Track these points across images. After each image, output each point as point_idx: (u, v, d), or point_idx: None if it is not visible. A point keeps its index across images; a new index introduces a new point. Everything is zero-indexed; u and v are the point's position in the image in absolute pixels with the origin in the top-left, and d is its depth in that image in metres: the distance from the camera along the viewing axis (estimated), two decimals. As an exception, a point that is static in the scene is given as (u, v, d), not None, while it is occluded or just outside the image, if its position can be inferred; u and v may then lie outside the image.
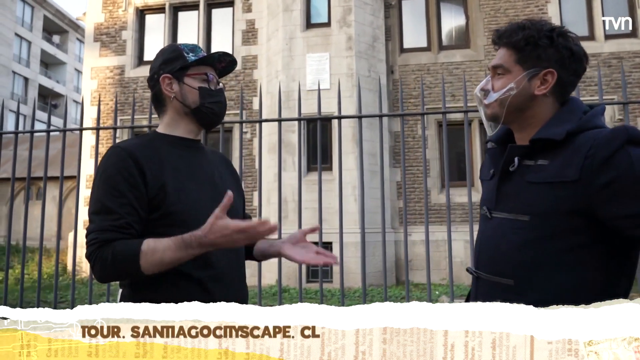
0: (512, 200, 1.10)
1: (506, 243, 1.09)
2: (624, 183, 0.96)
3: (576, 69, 1.13)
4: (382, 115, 3.17)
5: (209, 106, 1.37)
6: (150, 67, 1.42)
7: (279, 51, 9.36)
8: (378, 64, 9.54)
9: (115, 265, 1.16)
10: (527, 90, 1.11)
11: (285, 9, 9.39)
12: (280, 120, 3.27)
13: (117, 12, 11.12)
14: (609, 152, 0.98)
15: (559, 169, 1.03)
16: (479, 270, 1.16)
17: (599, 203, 0.99)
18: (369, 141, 8.60)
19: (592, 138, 1.01)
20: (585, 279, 1.03)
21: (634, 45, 9.47)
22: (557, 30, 1.12)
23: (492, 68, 1.17)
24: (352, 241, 8.23)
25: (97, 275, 1.19)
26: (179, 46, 1.39)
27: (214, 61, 1.40)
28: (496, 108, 1.14)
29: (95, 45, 11.08)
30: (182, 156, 1.34)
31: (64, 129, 3.48)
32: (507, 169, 1.12)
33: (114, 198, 1.21)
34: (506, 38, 1.14)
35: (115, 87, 10.82)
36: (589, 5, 9.83)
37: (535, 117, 1.12)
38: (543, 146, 1.08)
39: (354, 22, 9.20)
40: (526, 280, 1.05)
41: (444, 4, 10.38)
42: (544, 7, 9.82)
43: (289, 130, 8.76)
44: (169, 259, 1.16)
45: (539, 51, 1.10)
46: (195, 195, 1.29)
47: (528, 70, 1.10)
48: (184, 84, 1.35)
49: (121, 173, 1.22)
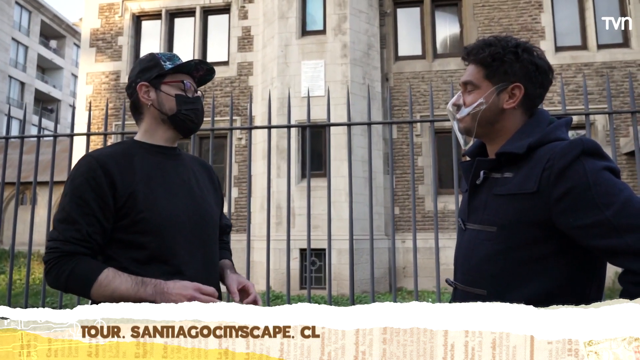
0: (481, 212, 1.14)
1: (477, 254, 1.13)
2: (578, 194, 0.99)
3: (542, 81, 1.17)
4: (370, 123, 3.18)
5: (185, 113, 1.38)
6: (129, 76, 1.45)
7: (275, 58, 9.40)
8: (373, 71, 9.60)
9: (67, 282, 1.20)
10: (496, 105, 1.16)
11: (281, 17, 9.44)
12: (269, 128, 3.29)
13: (114, 18, 11.13)
14: (564, 164, 1.01)
15: (521, 182, 1.07)
16: (456, 281, 1.20)
17: (557, 214, 1.02)
18: (362, 148, 8.64)
19: (550, 150, 1.05)
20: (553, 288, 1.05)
21: (626, 55, 9.60)
22: (522, 46, 1.16)
23: (463, 84, 1.22)
24: (344, 248, 8.23)
25: (49, 282, 1.23)
26: (156, 55, 1.42)
27: (191, 69, 1.43)
28: (468, 122, 1.19)
29: (91, 50, 11.07)
30: (158, 164, 1.36)
31: (55, 134, 3.46)
32: (475, 182, 1.17)
33: (78, 207, 1.23)
34: (474, 55, 1.19)
35: (111, 92, 10.81)
36: (582, 15, 9.97)
37: (505, 129, 1.17)
38: (508, 159, 1.12)
39: (349, 29, 9.26)
40: (498, 289, 1.08)
41: (438, 12, 10.48)
42: (537, 17, 9.94)
43: (284, 136, 8.78)
44: (120, 293, 1.18)
45: (505, 67, 1.14)
46: (168, 203, 1.30)
47: (496, 85, 1.16)
48: (160, 92, 1.38)
49: (89, 182, 1.24)
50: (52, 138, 3.46)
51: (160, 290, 1.19)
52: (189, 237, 1.31)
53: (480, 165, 1.17)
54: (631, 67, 9.50)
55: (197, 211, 1.36)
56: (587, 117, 3.02)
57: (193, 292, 1.19)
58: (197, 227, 1.34)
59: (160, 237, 1.26)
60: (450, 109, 1.24)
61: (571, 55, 9.74)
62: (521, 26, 9.96)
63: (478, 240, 1.13)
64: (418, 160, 9.54)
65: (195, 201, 1.38)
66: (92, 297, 1.21)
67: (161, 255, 1.27)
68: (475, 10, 10.13)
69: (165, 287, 1.19)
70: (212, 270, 1.41)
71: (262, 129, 3.33)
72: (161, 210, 1.28)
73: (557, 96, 9.55)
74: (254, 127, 3.35)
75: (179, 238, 1.29)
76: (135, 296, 1.19)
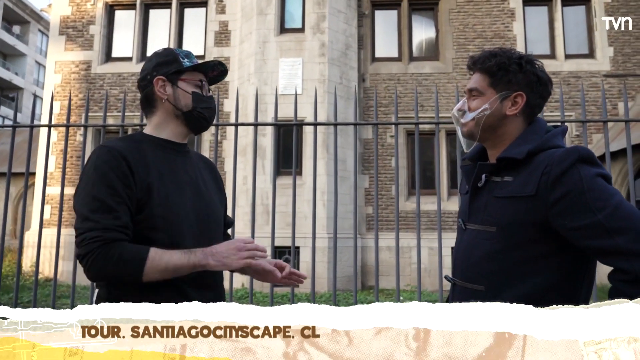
0: (482, 213, 1.21)
1: (477, 252, 1.20)
2: (573, 198, 1.08)
3: (542, 92, 1.26)
4: (357, 124, 3.23)
5: (200, 111, 1.39)
6: (142, 68, 1.43)
7: (252, 54, 9.34)
8: (350, 71, 9.67)
9: (119, 265, 1.17)
10: (499, 111, 1.23)
11: (259, 13, 9.39)
12: (256, 125, 3.28)
13: (85, 6, 10.80)
14: (561, 170, 1.09)
15: (521, 185, 1.15)
16: (455, 278, 1.26)
17: (553, 216, 1.10)
18: (342, 148, 8.70)
19: (548, 157, 1.13)
20: (548, 286, 1.12)
21: (591, 66, 10.00)
22: (525, 58, 1.25)
23: (468, 91, 1.29)
24: (319, 246, 8.28)
25: (95, 272, 1.18)
26: (174, 50, 1.42)
27: (208, 69, 1.44)
28: (472, 127, 1.26)
29: (61, 38, 10.71)
30: (168, 159, 1.35)
31: (31, 125, 3.36)
32: (477, 185, 1.24)
33: (111, 196, 1.21)
34: (480, 64, 1.26)
35: (81, 82, 10.49)
36: (551, 26, 10.33)
37: (506, 135, 1.24)
38: (507, 164, 1.19)
39: (327, 29, 9.29)
40: (495, 285, 1.15)
41: (415, 16, 10.64)
42: (509, 25, 10.23)
43: (259, 134, 8.74)
44: (173, 266, 1.19)
45: (509, 76, 1.22)
46: (178, 199, 1.30)
47: (500, 92, 1.23)
48: (177, 88, 1.38)
49: (114, 171, 1.23)
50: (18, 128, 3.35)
51: (210, 252, 1.22)
52: (196, 235, 1.31)
53: (482, 169, 1.23)
54: (595, 76, 9.91)
55: (204, 209, 1.37)
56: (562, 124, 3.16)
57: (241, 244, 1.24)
58: (204, 225, 1.34)
59: (170, 234, 1.26)
60: (456, 114, 1.30)
61: (540, 63, 10.08)
62: (494, 33, 10.23)
63: (478, 240, 1.20)
64: (392, 162, 9.68)
65: (202, 199, 1.38)
66: (145, 275, 1.18)
67: None
68: (450, 15, 10.34)
69: (214, 249, 1.22)
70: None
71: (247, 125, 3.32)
72: (172, 206, 1.28)
73: (526, 102, 9.87)
74: (240, 123, 3.34)
75: (187, 236, 1.29)
76: (187, 263, 1.20)
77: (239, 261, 1.22)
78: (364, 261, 9.36)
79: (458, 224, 1.31)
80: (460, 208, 1.33)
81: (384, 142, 9.87)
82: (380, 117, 9.78)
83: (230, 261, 1.22)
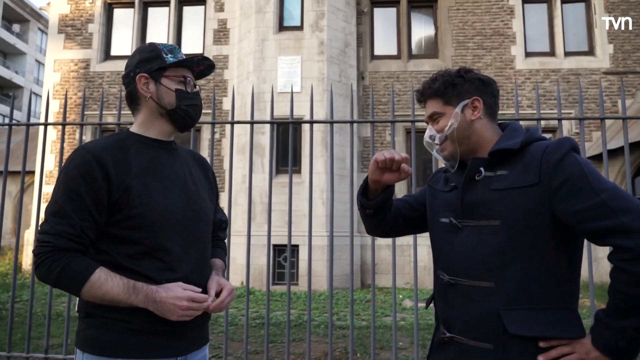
0: (481, 208, 1.21)
1: (482, 248, 1.19)
2: (576, 181, 1.12)
3: (491, 91, 1.32)
4: (353, 122, 3.22)
5: (185, 108, 1.37)
6: (126, 65, 1.40)
7: (251, 52, 9.33)
8: (349, 69, 9.66)
9: (59, 279, 1.18)
10: (465, 120, 1.28)
11: (258, 11, 9.37)
12: (252, 123, 3.27)
13: (84, 4, 10.79)
14: (560, 156, 1.14)
15: (520, 175, 1.17)
16: (455, 277, 1.23)
17: (557, 201, 1.13)
18: (337, 145, 8.69)
19: (542, 146, 1.18)
20: (553, 271, 1.16)
21: (591, 63, 9.98)
22: (463, 69, 1.33)
23: (429, 118, 1.34)
24: (318, 244, 8.28)
25: (39, 275, 1.20)
26: (158, 46, 1.38)
27: (193, 65, 1.41)
28: (449, 146, 1.30)
29: (60, 37, 10.70)
30: (154, 158, 1.33)
31: (28, 123, 3.35)
32: (473, 178, 1.24)
33: (72, 201, 1.20)
34: (428, 91, 1.33)
35: (80, 81, 10.49)
36: (551, 23, 10.30)
37: (481, 139, 1.29)
38: (500, 158, 1.22)
39: (326, 27, 9.28)
40: (506, 280, 1.16)
41: (414, 13, 10.62)
42: (509, 22, 10.21)
43: (258, 132, 8.73)
44: (110, 297, 1.18)
45: (458, 89, 1.29)
46: (162, 198, 1.28)
47: (458, 105, 1.29)
48: (160, 85, 1.35)
49: (83, 176, 1.21)
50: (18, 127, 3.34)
51: (153, 299, 1.19)
52: (182, 234, 1.29)
53: (477, 162, 1.24)
54: (595, 74, 9.88)
55: (191, 207, 1.34)
56: (560, 122, 3.14)
57: (188, 303, 1.20)
58: (191, 224, 1.32)
59: (154, 233, 1.24)
60: (429, 140, 1.34)
61: (540, 61, 10.05)
62: (493, 30, 10.21)
63: (481, 236, 1.20)
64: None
65: (189, 197, 1.35)
66: (82, 296, 1.19)
67: (155, 251, 1.24)
68: (450, 13, 10.32)
69: (158, 296, 1.19)
70: (205, 268, 1.38)
71: (243, 123, 3.32)
72: (155, 205, 1.26)
73: (526, 100, 9.84)
74: (236, 121, 3.33)
75: (172, 234, 1.27)
76: (126, 302, 1.18)
77: (177, 318, 1.21)
78: (364, 259, 9.36)
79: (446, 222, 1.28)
80: (445, 206, 1.31)
81: (383, 140, 9.86)
82: (379, 114, 9.77)
83: (170, 315, 1.20)
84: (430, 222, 1.39)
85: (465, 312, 1.20)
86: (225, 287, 1.35)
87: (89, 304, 1.24)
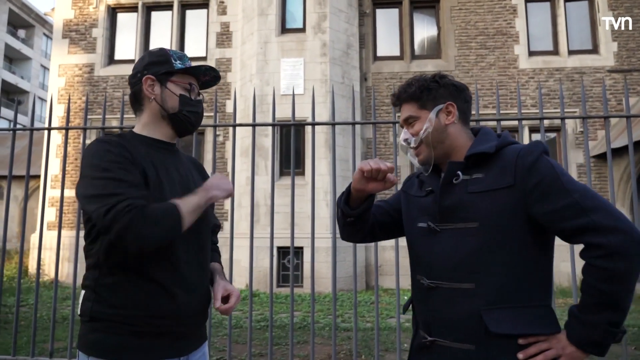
0: (459, 211, 1.23)
1: (462, 251, 1.21)
2: (550, 182, 1.16)
3: (464, 97, 1.36)
4: (355, 123, 3.22)
5: (186, 114, 1.40)
6: (134, 66, 1.43)
7: (254, 55, 9.35)
8: (352, 70, 9.66)
9: (160, 223, 1.18)
10: (439, 124, 1.31)
11: (260, 13, 9.39)
12: (254, 125, 3.28)
13: (88, 9, 10.86)
14: (533, 159, 1.18)
15: (497, 178, 1.20)
16: (435, 280, 1.25)
17: (532, 202, 1.17)
18: (341, 147, 8.68)
19: (516, 150, 1.22)
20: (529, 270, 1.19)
21: (595, 61, 9.92)
22: (439, 75, 1.37)
23: (404, 122, 1.37)
24: (323, 246, 8.27)
25: (144, 236, 1.16)
26: (168, 51, 1.42)
27: (199, 73, 1.44)
28: (424, 150, 1.32)
29: (64, 42, 10.78)
30: (159, 157, 1.36)
31: (31, 128, 3.38)
32: (450, 182, 1.26)
33: (127, 172, 1.23)
34: (404, 95, 1.36)
35: (84, 85, 10.55)
36: (554, 22, 10.25)
37: (455, 144, 1.31)
38: (475, 162, 1.25)
39: (328, 28, 9.29)
40: (486, 281, 1.18)
41: (417, 14, 10.61)
42: (512, 22, 10.17)
43: (261, 134, 8.75)
44: (194, 205, 1.28)
45: (433, 93, 1.33)
46: (172, 195, 1.30)
47: (432, 109, 1.32)
48: (166, 88, 1.39)
49: (122, 155, 1.25)
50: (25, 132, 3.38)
51: (207, 187, 1.34)
52: (185, 235, 1.29)
53: (453, 167, 1.27)
54: (600, 72, 9.82)
55: None
56: (562, 121, 3.13)
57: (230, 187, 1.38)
58: (194, 226, 1.31)
59: None
60: (403, 144, 1.36)
61: (543, 59, 10.01)
62: (496, 30, 10.18)
63: (460, 238, 1.22)
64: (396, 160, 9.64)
65: None
66: (184, 222, 1.24)
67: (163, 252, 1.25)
68: (452, 13, 10.29)
69: (207, 184, 1.35)
70: (206, 270, 1.41)
71: (246, 126, 3.33)
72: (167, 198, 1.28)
73: (530, 99, 9.80)
74: (238, 124, 3.34)
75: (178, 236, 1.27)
76: (200, 201, 1.30)
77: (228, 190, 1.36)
78: (368, 261, 9.33)
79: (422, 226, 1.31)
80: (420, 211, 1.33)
81: (387, 142, 9.84)
82: (382, 116, 9.76)
83: (227, 186, 1.35)
84: (407, 228, 1.41)
85: (447, 314, 1.22)
86: (233, 293, 1.40)
87: (93, 307, 1.24)
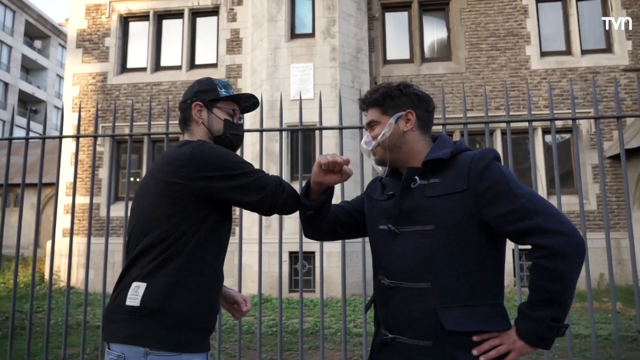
0: (417, 214, 1.31)
1: (420, 252, 1.29)
2: (499, 187, 1.23)
3: (426, 107, 1.45)
4: (362, 127, 3.20)
5: (229, 136, 1.60)
6: (185, 93, 1.63)
7: (264, 61, 9.40)
8: (362, 74, 9.65)
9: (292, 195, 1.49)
10: (397, 130, 1.41)
11: (270, 19, 9.45)
12: (262, 131, 3.29)
13: (101, 19, 11.04)
14: (485, 165, 1.26)
15: (451, 183, 1.28)
16: (395, 281, 1.32)
17: (483, 206, 1.24)
18: (351, 151, 8.67)
19: (470, 156, 1.30)
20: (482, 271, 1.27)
21: (609, 60, 9.76)
22: (403, 84, 1.45)
23: (367, 125, 1.47)
24: (334, 251, 8.25)
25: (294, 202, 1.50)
26: (214, 81, 1.63)
27: (241, 100, 1.65)
28: (380, 152, 1.43)
29: (78, 51, 10.96)
30: None
31: (44, 136, 3.44)
32: (408, 186, 1.34)
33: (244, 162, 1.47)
34: (369, 100, 1.46)
35: (98, 94, 10.71)
36: (566, 22, 10.13)
37: (412, 150, 1.40)
38: (433, 167, 1.33)
39: (338, 33, 9.30)
40: (441, 281, 1.25)
41: (426, 17, 10.57)
42: (522, 22, 10.07)
43: (272, 139, 8.77)
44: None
45: (395, 101, 1.42)
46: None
47: (393, 115, 1.42)
48: (212, 114, 1.58)
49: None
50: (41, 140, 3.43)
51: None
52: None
53: (411, 172, 1.35)
54: (614, 72, 9.67)
55: None
56: (574, 121, 3.07)
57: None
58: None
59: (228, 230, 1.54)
60: (364, 146, 1.46)
61: (556, 60, 9.88)
62: (507, 31, 10.09)
63: (418, 240, 1.30)
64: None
65: None
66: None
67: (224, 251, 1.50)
68: (462, 15, 10.23)
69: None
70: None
71: (254, 132, 3.37)
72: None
73: (542, 100, 9.68)
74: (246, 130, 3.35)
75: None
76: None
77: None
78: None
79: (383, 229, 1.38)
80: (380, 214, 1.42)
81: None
82: (393, 119, 9.71)
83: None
84: (369, 229, 1.49)
85: (406, 313, 1.29)
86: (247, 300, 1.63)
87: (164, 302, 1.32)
